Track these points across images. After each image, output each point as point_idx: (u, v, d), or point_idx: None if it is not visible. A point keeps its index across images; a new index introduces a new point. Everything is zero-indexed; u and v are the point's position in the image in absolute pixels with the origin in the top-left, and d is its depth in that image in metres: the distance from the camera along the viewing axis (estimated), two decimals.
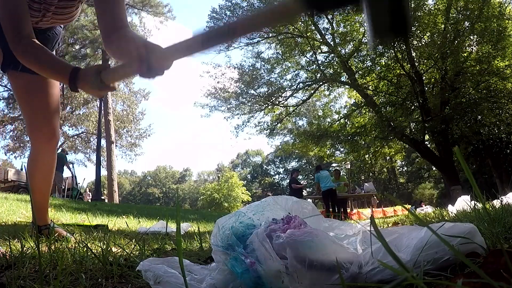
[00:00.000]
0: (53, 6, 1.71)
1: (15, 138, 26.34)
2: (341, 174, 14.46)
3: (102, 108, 22.55)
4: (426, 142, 16.68)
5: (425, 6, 15.02)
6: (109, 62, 28.41)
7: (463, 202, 2.93)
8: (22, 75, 1.83)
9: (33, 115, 1.93)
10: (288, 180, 61.44)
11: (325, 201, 11.28)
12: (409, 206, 20.48)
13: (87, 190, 21.05)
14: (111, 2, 1.48)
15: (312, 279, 0.68)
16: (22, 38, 1.39)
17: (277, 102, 19.09)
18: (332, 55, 17.23)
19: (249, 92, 19.36)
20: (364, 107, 17.84)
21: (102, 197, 15.39)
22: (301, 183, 13.47)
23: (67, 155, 14.98)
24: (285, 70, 19.21)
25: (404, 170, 48.40)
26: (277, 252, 0.72)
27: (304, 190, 13.36)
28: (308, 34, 17.37)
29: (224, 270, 0.76)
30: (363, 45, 16.54)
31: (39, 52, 1.37)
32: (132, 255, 1.18)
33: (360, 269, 0.74)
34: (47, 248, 1.29)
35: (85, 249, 1.13)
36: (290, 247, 0.70)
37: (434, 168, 26.84)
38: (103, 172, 23.44)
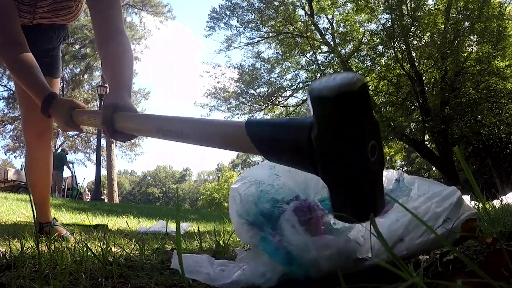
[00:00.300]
0: (44, 7, 1.69)
1: (15, 138, 26.35)
2: None
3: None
4: (426, 142, 16.68)
5: (425, 6, 15.03)
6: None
7: None
8: None
9: (27, 111, 1.93)
10: None
11: None
12: None
13: (86, 189, 21.02)
14: (106, 5, 1.47)
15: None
16: (12, 45, 1.39)
17: (277, 102, 19.09)
18: (332, 55, 17.23)
19: (249, 92, 19.35)
20: None
21: (102, 197, 15.38)
22: None
23: (67, 155, 14.97)
24: (285, 70, 19.22)
25: (404, 170, 48.41)
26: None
27: None
28: (308, 34, 17.37)
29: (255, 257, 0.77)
30: (363, 45, 16.54)
31: (24, 66, 1.37)
32: (132, 255, 1.18)
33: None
34: (47, 248, 1.29)
35: (85, 249, 1.13)
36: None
37: (434, 168, 26.83)
38: (103, 172, 23.43)
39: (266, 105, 19.06)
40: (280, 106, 19.38)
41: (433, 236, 0.76)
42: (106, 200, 18.32)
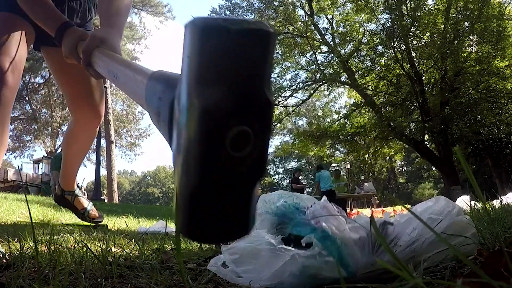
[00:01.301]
0: None
1: (15, 138, 26.34)
2: (341, 174, 14.50)
3: None
4: (425, 142, 16.69)
5: (425, 6, 15.03)
6: None
7: (463, 202, 2.92)
8: (57, 50, 1.79)
9: (72, 89, 1.88)
10: (288, 180, 61.57)
11: None
12: (409, 206, 20.46)
13: (82, 189, 20.94)
14: None
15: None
16: None
17: (276, 102, 19.07)
18: (332, 55, 17.24)
19: None
20: (364, 107, 17.85)
21: (102, 197, 15.37)
22: (302, 183, 13.49)
23: None
24: (285, 70, 19.23)
25: (403, 170, 48.43)
26: None
27: (304, 190, 13.38)
28: (308, 34, 17.38)
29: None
30: (362, 45, 16.55)
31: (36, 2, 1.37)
32: (131, 255, 1.18)
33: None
34: (46, 248, 1.29)
35: (85, 249, 1.13)
36: None
37: (433, 168, 26.86)
38: (103, 172, 23.44)
39: None
40: (280, 106, 19.38)
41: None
42: (105, 200, 18.31)
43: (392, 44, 15.22)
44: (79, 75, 1.81)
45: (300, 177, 13.26)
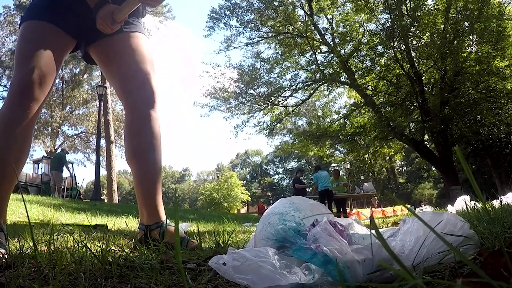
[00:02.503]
0: None
1: None
2: (341, 174, 14.50)
3: (102, 108, 22.57)
4: (425, 142, 16.69)
5: (424, 6, 15.03)
6: None
7: (463, 202, 2.93)
8: (102, 41, 1.79)
9: (126, 71, 1.79)
10: (287, 180, 61.42)
11: (321, 200, 11.41)
12: (409, 206, 20.49)
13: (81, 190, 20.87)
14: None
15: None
16: None
17: (276, 102, 19.08)
18: (332, 55, 17.24)
19: (248, 92, 19.35)
20: (364, 107, 17.85)
21: (102, 197, 15.36)
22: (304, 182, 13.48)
23: (66, 154, 14.95)
24: (285, 70, 19.22)
25: (403, 170, 48.48)
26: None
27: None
28: (307, 34, 17.38)
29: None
30: (362, 45, 16.55)
31: None
32: (131, 255, 1.18)
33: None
34: (46, 248, 1.29)
35: (85, 249, 1.13)
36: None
37: (433, 168, 26.87)
38: (103, 172, 23.42)
39: (266, 105, 19.06)
40: (280, 106, 19.39)
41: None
42: (105, 200, 18.31)
43: (392, 44, 15.22)
44: (127, 54, 1.79)
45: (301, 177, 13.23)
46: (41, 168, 17.48)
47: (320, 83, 18.30)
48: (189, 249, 1.55)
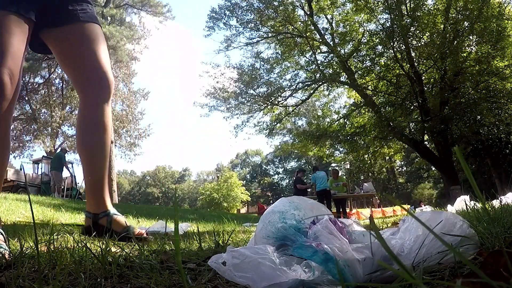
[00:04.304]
0: None
1: (15, 138, 26.31)
2: (340, 174, 14.49)
3: None
4: (425, 142, 16.69)
5: (424, 6, 15.03)
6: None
7: (463, 202, 2.93)
8: (60, 29, 1.76)
9: (80, 62, 1.79)
10: (287, 180, 61.31)
11: (320, 201, 11.42)
12: (408, 206, 20.50)
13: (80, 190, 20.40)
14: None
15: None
16: None
17: (276, 102, 19.09)
18: (332, 55, 17.24)
19: (248, 92, 19.36)
20: (364, 107, 17.85)
21: None
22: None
23: (66, 154, 14.94)
24: (285, 70, 19.22)
25: (403, 170, 48.47)
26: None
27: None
28: (307, 34, 17.38)
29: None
30: (362, 45, 16.55)
31: None
32: (131, 255, 1.18)
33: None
34: (46, 248, 1.29)
35: (84, 249, 1.13)
36: None
37: (433, 168, 26.87)
38: None
39: (266, 105, 19.06)
40: (280, 106, 19.39)
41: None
42: None
43: (391, 44, 15.22)
44: (84, 45, 1.77)
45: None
46: (41, 168, 17.46)
47: (320, 83, 18.29)
48: (135, 238, 1.66)
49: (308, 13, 17.56)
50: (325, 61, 17.96)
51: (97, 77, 1.77)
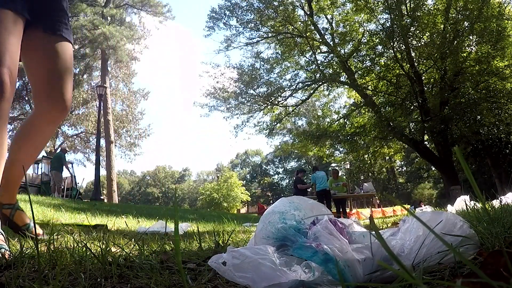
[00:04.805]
0: None
1: None
2: (340, 174, 14.49)
3: (102, 108, 22.61)
4: (425, 142, 16.68)
5: (424, 6, 15.02)
6: (108, 63, 28.33)
7: (463, 202, 2.93)
8: (42, 35, 1.75)
9: (44, 75, 1.79)
10: (287, 180, 61.23)
11: (319, 201, 11.42)
12: (408, 206, 20.49)
13: (81, 189, 20.55)
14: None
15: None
16: None
17: (276, 102, 19.08)
18: (332, 55, 17.23)
19: (248, 92, 19.34)
20: (364, 107, 17.85)
21: (101, 197, 15.34)
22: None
23: (66, 153, 14.94)
24: (285, 70, 19.21)
25: (403, 170, 48.45)
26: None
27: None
28: (307, 34, 17.37)
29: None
30: (362, 45, 16.54)
31: None
32: (131, 255, 1.18)
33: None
34: (46, 248, 1.29)
35: (84, 249, 1.13)
36: None
37: (433, 168, 26.87)
38: (102, 172, 23.43)
39: (266, 105, 19.05)
40: (280, 106, 19.38)
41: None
42: (105, 200, 18.31)
43: (391, 44, 15.21)
44: (51, 61, 1.77)
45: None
46: (41, 168, 17.46)
47: (320, 83, 18.29)
48: (32, 235, 1.73)
49: (308, 13, 17.55)
50: (325, 61, 17.95)
51: (59, 100, 1.79)
